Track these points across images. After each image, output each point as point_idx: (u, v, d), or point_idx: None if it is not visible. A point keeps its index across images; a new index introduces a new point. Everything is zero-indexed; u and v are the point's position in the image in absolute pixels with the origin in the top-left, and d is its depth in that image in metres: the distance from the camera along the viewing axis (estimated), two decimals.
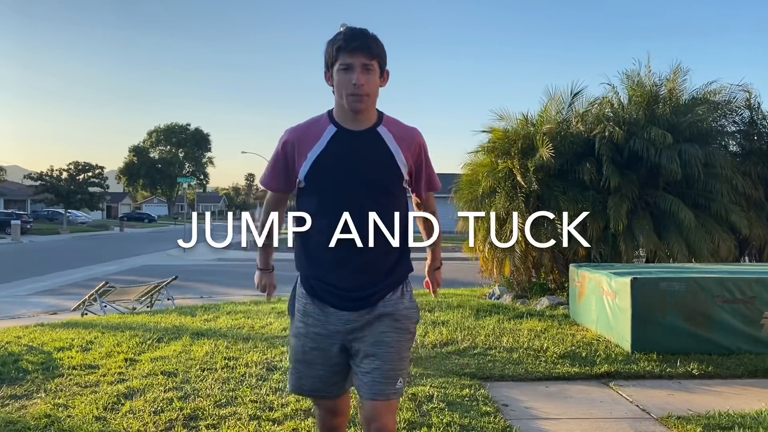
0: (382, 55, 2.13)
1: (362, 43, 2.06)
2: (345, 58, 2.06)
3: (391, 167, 2.16)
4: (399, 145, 2.17)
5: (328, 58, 2.13)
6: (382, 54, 2.13)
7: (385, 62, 2.15)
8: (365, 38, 2.08)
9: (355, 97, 2.07)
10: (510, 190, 8.53)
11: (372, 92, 2.10)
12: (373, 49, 2.08)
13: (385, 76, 2.17)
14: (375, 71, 2.10)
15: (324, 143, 2.14)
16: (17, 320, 8.90)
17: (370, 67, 2.08)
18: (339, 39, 2.09)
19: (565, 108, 8.96)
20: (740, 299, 5.36)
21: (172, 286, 9.93)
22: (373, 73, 2.09)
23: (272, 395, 4.10)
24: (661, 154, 7.84)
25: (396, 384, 2.18)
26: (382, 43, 2.14)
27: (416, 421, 3.63)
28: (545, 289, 8.69)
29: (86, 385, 4.39)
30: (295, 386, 2.35)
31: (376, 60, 2.10)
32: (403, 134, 2.20)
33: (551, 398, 4.27)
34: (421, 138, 2.26)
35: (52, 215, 49.33)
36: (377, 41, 2.11)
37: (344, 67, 2.07)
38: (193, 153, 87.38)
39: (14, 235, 32.17)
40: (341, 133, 2.15)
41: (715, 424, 3.58)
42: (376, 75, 2.11)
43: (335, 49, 2.08)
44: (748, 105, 8.95)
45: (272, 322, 6.84)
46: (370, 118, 2.16)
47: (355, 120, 2.14)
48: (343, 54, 2.06)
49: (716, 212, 8.00)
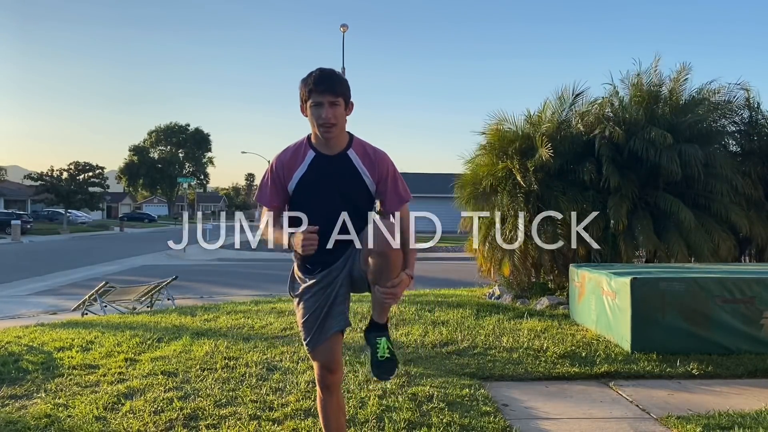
0: (346, 92, 2.61)
1: (329, 86, 2.55)
2: (315, 97, 2.56)
3: (358, 183, 2.67)
4: (364, 164, 2.67)
5: (302, 95, 2.61)
6: (346, 91, 2.61)
7: (349, 96, 2.63)
8: (331, 81, 2.56)
9: (325, 128, 2.57)
10: (510, 189, 8.53)
11: (339, 122, 2.59)
12: (337, 89, 2.56)
13: (350, 108, 2.65)
14: (340, 105, 2.58)
15: (306, 166, 2.66)
16: (17, 320, 8.91)
17: (337, 103, 2.56)
18: (310, 81, 2.57)
19: (566, 108, 8.95)
20: (740, 299, 5.36)
21: (172, 286, 9.93)
22: (338, 107, 2.57)
23: (272, 395, 4.11)
24: (661, 154, 7.83)
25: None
26: (347, 81, 2.64)
27: (416, 421, 3.63)
28: (545, 289, 8.69)
29: (86, 385, 4.39)
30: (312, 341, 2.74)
31: (341, 97, 2.58)
32: (369, 156, 2.69)
33: (551, 398, 4.28)
34: (386, 159, 2.71)
35: (52, 215, 49.34)
36: (342, 81, 2.61)
37: (315, 104, 2.56)
38: (193, 153, 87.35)
39: (14, 235, 32.17)
40: (318, 157, 2.66)
41: (715, 424, 3.58)
42: (342, 108, 2.59)
43: (308, 90, 2.57)
44: (748, 105, 8.93)
45: (272, 322, 6.84)
46: (340, 144, 2.66)
47: (328, 146, 2.65)
48: (314, 94, 2.56)
49: (716, 212, 8.00)
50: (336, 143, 2.64)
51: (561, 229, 8.09)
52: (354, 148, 2.67)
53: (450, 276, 14.35)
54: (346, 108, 2.61)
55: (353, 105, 2.67)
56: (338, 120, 2.57)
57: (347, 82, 2.64)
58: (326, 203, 2.63)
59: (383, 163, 2.69)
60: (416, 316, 7.02)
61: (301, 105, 2.63)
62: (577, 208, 8.05)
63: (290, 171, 2.67)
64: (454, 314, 7.15)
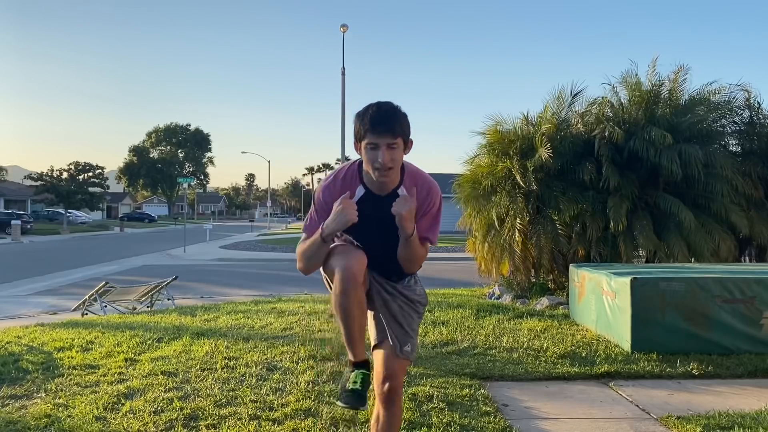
0: (406, 131, 2.37)
1: (388, 127, 2.30)
2: (372, 138, 2.31)
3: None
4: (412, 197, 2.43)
5: (357, 133, 2.38)
6: (406, 130, 2.37)
7: (408, 135, 2.39)
8: (391, 122, 2.32)
9: (380, 171, 2.34)
10: (510, 190, 8.54)
11: (395, 165, 2.37)
12: (397, 131, 2.32)
13: (408, 146, 2.42)
14: (399, 147, 2.35)
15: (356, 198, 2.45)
16: (17, 320, 8.90)
17: (395, 146, 2.32)
18: (367, 120, 2.32)
19: (565, 108, 8.96)
20: (740, 299, 5.36)
21: (172, 286, 9.92)
22: (397, 149, 2.34)
23: (272, 395, 4.11)
24: (661, 154, 7.84)
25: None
26: (407, 118, 2.39)
27: (416, 421, 3.63)
28: (545, 289, 8.69)
29: (86, 385, 4.39)
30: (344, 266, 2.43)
31: (400, 137, 2.34)
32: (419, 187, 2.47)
33: (551, 398, 4.28)
34: (434, 193, 2.50)
35: (53, 215, 49.32)
36: (401, 121, 2.35)
37: (372, 146, 2.32)
38: (193, 153, 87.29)
39: (14, 235, 32.17)
40: (368, 195, 2.47)
41: (715, 424, 3.58)
42: (401, 149, 2.36)
43: (363, 129, 2.33)
44: (748, 105, 8.94)
45: (272, 322, 6.84)
46: (393, 183, 2.45)
47: (380, 187, 2.44)
48: (370, 134, 2.31)
49: (716, 212, 8.00)
50: (389, 185, 2.44)
51: (561, 229, 8.09)
52: (405, 185, 2.46)
53: (450, 276, 14.34)
54: (405, 148, 2.39)
55: (412, 143, 2.43)
56: (395, 164, 2.35)
57: (407, 119, 2.39)
58: (370, 242, 2.50)
59: (431, 194, 2.50)
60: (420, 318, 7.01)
61: (355, 143, 2.41)
62: (577, 208, 8.06)
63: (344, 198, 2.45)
64: (454, 314, 7.15)
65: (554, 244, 8.25)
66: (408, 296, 2.63)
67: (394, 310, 2.60)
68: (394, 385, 2.57)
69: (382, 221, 2.43)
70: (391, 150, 2.31)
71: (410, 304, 2.63)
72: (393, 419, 2.60)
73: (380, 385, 2.58)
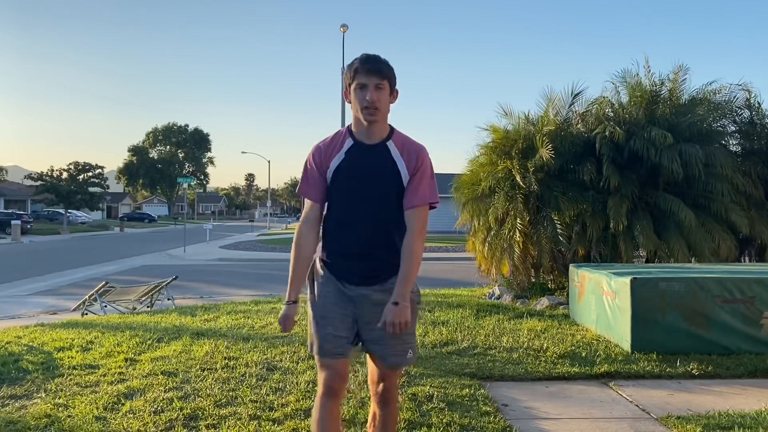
0: (392, 77, 2.51)
1: (375, 66, 2.46)
2: (360, 79, 2.45)
3: (394, 173, 2.53)
4: (402, 156, 2.54)
5: (347, 79, 2.52)
6: (392, 75, 2.51)
7: (394, 83, 2.53)
8: (377, 62, 2.48)
9: (368, 110, 2.46)
10: (509, 190, 8.53)
11: (382, 107, 2.48)
12: (384, 71, 2.47)
13: (394, 95, 2.55)
14: (386, 89, 2.48)
15: (343, 153, 2.56)
16: (17, 320, 8.90)
17: (381, 86, 2.46)
18: (356, 62, 2.48)
19: (566, 108, 8.96)
20: (740, 299, 5.36)
21: (172, 286, 9.92)
22: (383, 91, 2.47)
23: (272, 395, 4.11)
24: (661, 154, 7.83)
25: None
26: (393, 67, 2.54)
27: (416, 421, 3.63)
28: (545, 289, 8.69)
29: (86, 385, 4.39)
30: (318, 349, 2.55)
31: (387, 80, 2.48)
32: (408, 148, 2.56)
33: (551, 398, 4.27)
34: (423, 152, 2.57)
35: (53, 215, 49.31)
36: (388, 65, 2.51)
37: (360, 86, 2.46)
38: (192, 153, 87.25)
39: (14, 235, 32.16)
40: (357, 145, 2.56)
41: (715, 424, 3.58)
42: (387, 93, 2.49)
43: (353, 71, 2.48)
44: (748, 105, 8.94)
45: (272, 322, 6.84)
46: (381, 134, 2.55)
47: (369, 134, 2.54)
48: (359, 75, 2.46)
49: (716, 212, 8.00)
50: (377, 132, 2.53)
51: (561, 229, 8.09)
52: (393, 139, 2.56)
53: (450, 276, 14.34)
54: (390, 94, 2.52)
55: (398, 93, 2.56)
56: (382, 104, 2.47)
57: (394, 69, 2.54)
58: (362, 192, 2.52)
59: (420, 155, 2.55)
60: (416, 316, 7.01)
61: (345, 90, 2.55)
62: (578, 208, 8.06)
63: (328, 158, 2.56)
64: (454, 314, 7.15)
65: (554, 244, 8.24)
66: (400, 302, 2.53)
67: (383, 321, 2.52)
68: (388, 385, 2.62)
69: (369, 173, 2.52)
70: (378, 90, 2.45)
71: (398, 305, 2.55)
72: (388, 419, 2.65)
73: (374, 384, 2.63)
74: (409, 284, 2.49)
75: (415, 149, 2.56)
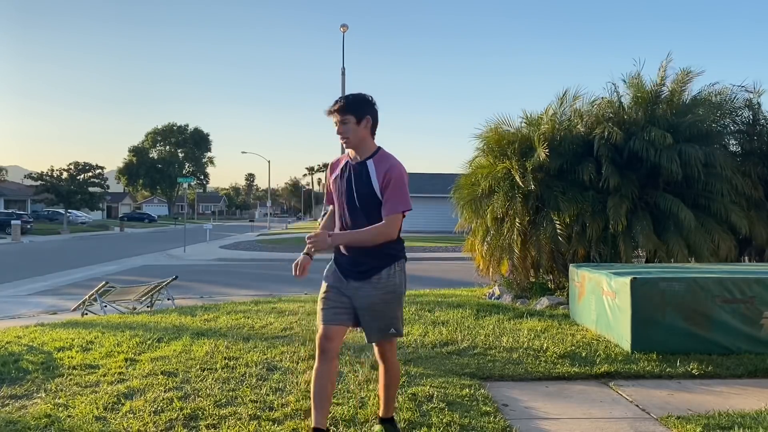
0: (355, 110, 3.01)
1: (338, 107, 3.02)
2: (331, 117, 3.07)
3: (369, 188, 3.04)
4: (377, 171, 3.03)
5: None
6: (356, 109, 3.01)
7: (360, 114, 3.01)
8: (340, 104, 3.02)
9: (342, 140, 3.08)
10: (509, 190, 8.53)
11: (350, 136, 3.03)
12: (344, 109, 3.01)
13: (365, 122, 3.03)
14: (351, 122, 3.01)
15: (338, 170, 3.19)
16: (17, 320, 8.91)
17: (345, 121, 3.01)
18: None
19: (566, 108, 8.95)
20: (740, 299, 5.36)
21: (172, 286, 9.92)
22: (348, 124, 3.01)
23: (272, 395, 4.11)
24: (661, 154, 7.82)
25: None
26: (360, 101, 3.04)
27: (416, 421, 3.63)
28: (545, 289, 8.69)
29: (86, 385, 4.39)
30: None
31: (349, 114, 3.00)
32: (383, 165, 3.04)
33: (551, 398, 4.27)
34: (394, 170, 3.01)
35: (53, 215, 49.32)
36: (350, 103, 3.02)
37: (334, 122, 3.07)
38: (192, 153, 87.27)
39: (14, 235, 32.16)
40: (348, 163, 3.15)
41: (715, 424, 3.58)
42: (352, 124, 3.01)
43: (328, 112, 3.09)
44: (749, 105, 8.94)
45: (272, 322, 6.84)
46: (365, 153, 3.09)
47: (354, 155, 3.12)
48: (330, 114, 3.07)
49: (716, 212, 7.99)
50: (361, 153, 3.08)
51: (561, 229, 8.09)
52: (374, 158, 3.07)
53: (450, 276, 14.33)
54: (359, 123, 3.00)
55: (370, 119, 3.04)
56: (349, 134, 3.01)
57: (360, 101, 3.03)
58: (348, 200, 3.09)
59: (392, 170, 3.01)
60: (416, 316, 7.02)
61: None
62: (577, 208, 8.05)
63: (332, 172, 3.24)
64: (454, 314, 7.15)
65: (554, 244, 8.24)
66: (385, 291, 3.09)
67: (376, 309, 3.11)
68: (381, 350, 3.26)
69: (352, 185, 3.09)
70: (343, 124, 3.01)
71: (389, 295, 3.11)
72: (389, 371, 3.28)
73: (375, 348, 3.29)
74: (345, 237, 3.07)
75: (387, 166, 3.02)
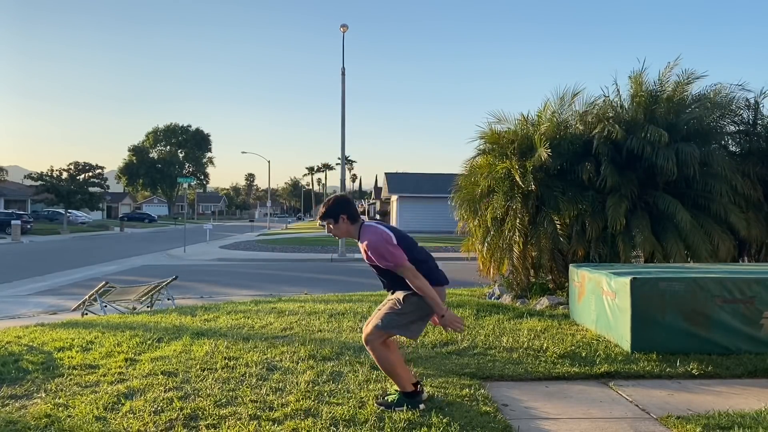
0: (332, 215, 3.83)
1: (320, 216, 3.90)
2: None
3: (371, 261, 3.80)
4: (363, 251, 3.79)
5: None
6: (331, 215, 3.83)
7: (335, 216, 3.82)
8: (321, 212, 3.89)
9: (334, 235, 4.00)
10: (508, 190, 8.53)
11: (336, 231, 3.86)
12: (324, 217, 3.87)
13: (342, 219, 3.81)
14: (332, 223, 3.84)
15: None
16: (17, 320, 8.91)
17: (329, 223, 3.86)
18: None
19: (566, 108, 8.95)
20: (740, 299, 5.36)
21: (172, 286, 9.92)
22: (331, 224, 3.85)
23: (272, 395, 4.11)
24: (657, 152, 7.79)
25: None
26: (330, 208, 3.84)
27: (416, 421, 3.63)
28: (545, 289, 8.69)
29: (86, 385, 4.40)
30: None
31: (329, 218, 3.85)
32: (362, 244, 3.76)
33: (551, 398, 4.28)
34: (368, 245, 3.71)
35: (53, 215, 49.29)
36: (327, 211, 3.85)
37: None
38: (193, 153, 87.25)
39: (14, 235, 32.15)
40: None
41: (714, 424, 3.58)
42: (333, 224, 3.84)
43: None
44: (748, 105, 8.94)
45: (272, 322, 6.84)
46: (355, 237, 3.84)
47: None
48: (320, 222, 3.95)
49: (715, 212, 7.99)
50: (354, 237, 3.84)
51: (561, 229, 8.09)
52: (360, 240, 3.80)
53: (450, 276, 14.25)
54: (337, 222, 3.81)
55: (345, 216, 3.80)
56: (335, 231, 3.85)
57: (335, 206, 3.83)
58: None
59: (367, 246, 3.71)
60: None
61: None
62: (577, 208, 8.05)
63: None
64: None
65: (554, 244, 8.24)
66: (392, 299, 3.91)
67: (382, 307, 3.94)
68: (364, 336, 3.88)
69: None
70: (328, 225, 3.87)
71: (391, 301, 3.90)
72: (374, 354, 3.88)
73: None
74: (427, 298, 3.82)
75: (363, 244, 3.74)
